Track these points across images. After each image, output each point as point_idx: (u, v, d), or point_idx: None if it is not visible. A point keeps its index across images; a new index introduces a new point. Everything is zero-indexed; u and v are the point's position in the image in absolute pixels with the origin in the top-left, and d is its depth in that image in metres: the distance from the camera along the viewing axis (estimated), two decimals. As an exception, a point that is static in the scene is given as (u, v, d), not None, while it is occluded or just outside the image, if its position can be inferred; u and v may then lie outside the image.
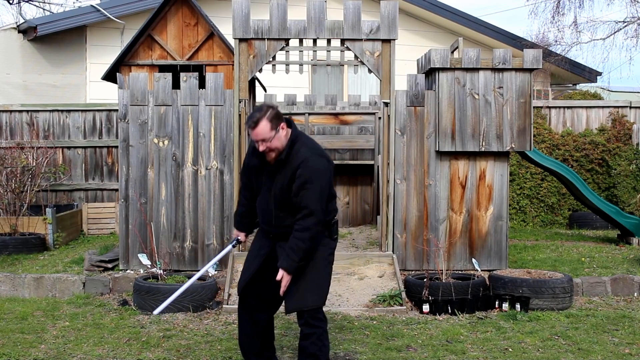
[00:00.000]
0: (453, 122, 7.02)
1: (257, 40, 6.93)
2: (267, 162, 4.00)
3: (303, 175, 3.85)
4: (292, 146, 3.93)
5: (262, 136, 3.84)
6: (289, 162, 3.92)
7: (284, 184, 3.92)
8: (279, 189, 3.94)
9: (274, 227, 4.08)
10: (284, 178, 3.92)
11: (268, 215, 4.07)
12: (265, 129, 3.83)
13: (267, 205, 4.04)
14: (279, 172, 3.94)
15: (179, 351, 4.90)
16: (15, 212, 8.62)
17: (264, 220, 4.13)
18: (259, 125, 3.84)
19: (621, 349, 4.97)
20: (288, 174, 3.90)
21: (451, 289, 6.06)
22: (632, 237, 8.59)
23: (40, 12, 17.24)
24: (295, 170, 3.87)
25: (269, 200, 4.02)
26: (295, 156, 3.91)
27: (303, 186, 3.84)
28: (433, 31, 13.56)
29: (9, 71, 11.92)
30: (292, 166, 3.89)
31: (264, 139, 3.84)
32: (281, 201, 3.96)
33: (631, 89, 17.44)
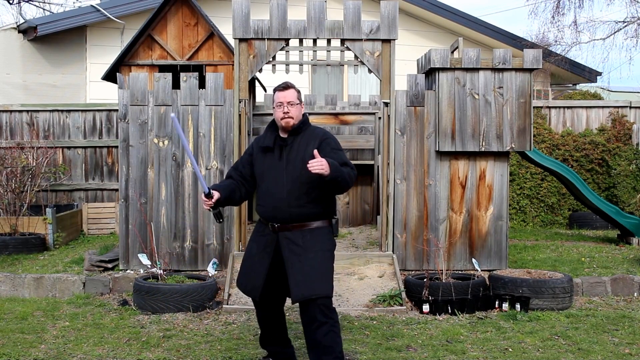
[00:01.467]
0: (453, 122, 7.02)
1: (257, 40, 6.93)
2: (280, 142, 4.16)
3: (331, 143, 4.15)
4: (305, 123, 4.22)
5: (289, 98, 4.13)
6: (307, 137, 4.16)
7: (306, 155, 4.05)
8: (300, 160, 4.07)
9: (284, 212, 4.09)
10: (305, 150, 4.09)
11: (279, 197, 4.10)
12: (293, 94, 4.16)
13: (279, 184, 4.11)
14: (296, 146, 4.14)
15: (179, 351, 4.90)
16: (15, 212, 8.62)
17: (274, 204, 4.13)
18: (288, 90, 4.16)
19: (621, 349, 4.97)
20: (310, 146, 4.08)
21: (451, 289, 6.06)
22: (632, 237, 8.59)
23: (40, 12, 17.24)
24: (321, 141, 4.12)
25: (282, 178, 4.10)
26: (313, 132, 4.20)
27: (334, 151, 4.10)
28: (433, 31, 13.56)
29: (9, 71, 11.92)
30: (313, 139, 4.14)
31: (290, 101, 4.13)
32: (299, 175, 4.06)
33: (631, 89, 17.44)
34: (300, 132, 4.17)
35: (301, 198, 4.08)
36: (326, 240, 4.16)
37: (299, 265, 4.05)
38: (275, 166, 4.16)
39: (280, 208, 4.11)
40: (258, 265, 4.21)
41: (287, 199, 4.09)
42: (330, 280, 4.11)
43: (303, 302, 4.02)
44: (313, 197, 4.10)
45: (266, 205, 4.19)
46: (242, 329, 5.46)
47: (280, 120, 4.14)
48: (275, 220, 4.15)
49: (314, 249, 4.08)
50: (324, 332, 4.00)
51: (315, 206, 4.12)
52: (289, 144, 4.16)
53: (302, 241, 4.09)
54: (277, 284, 4.23)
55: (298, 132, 4.17)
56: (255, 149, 4.30)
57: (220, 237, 7.05)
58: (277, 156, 4.17)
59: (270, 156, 4.19)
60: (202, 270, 6.91)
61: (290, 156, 4.13)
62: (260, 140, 4.29)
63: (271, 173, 4.16)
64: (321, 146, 4.08)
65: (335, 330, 4.05)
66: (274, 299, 4.30)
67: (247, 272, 4.28)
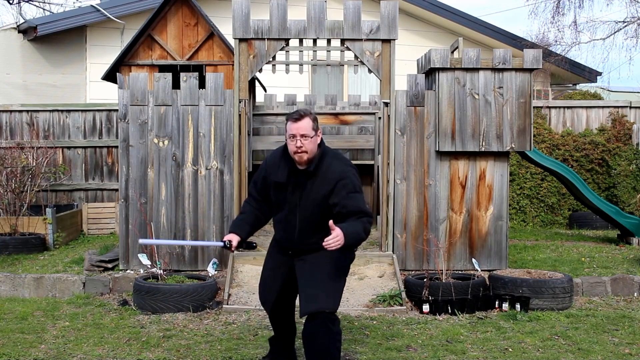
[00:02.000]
0: (453, 122, 7.02)
1: (257, 40, 6.93)
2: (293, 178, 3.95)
3: (348, 185, 3.85)
4: (322, 159, 3.92)
5: (304, 131, 3.83)
6: (322, 174, 3.90)
7: (318, 196, 3.89)
8: (312, 201, 3.91)
9: (297, 243, 4.06)
10: (318, 190, 3.89)
11: (291, 231, 4.03)
12: (308, 125, 3.85)
13: (291, 222, 4.01)
14: (310, 185, 3.91)
15: (179, 351, 4.90)
16: (15, 212, 8.62)
17: (286, 237, 4.10)
18: (303, 119, 3.86)
19: (621, 349, 4.97)
20: (325, 186, 3.87)
21: (451, 289, 6.06)
22: (632, 237, 8.59)
23: (40, 12, 17.23)
24: (337, 181, 3.85)
25: (295, 217, 3.98)
26: (329, 169, 3.90)
27: (349, 196, 3.83)
28: (433, 31, 13.56)
29: (9, 71, 11.92)
30: (329, 179, 3.87)
31: (304, 134, 3.83)
32: (311, 215, 3.93)
33: (631, 89, 17.44)
34: (316, 170, 3.89)
35: (313, 236, 3.96)
36: (342, 256, 4.00)
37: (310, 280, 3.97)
38: (288, 200, 3.99)
39: (292, 241, 4.06)
40: (272, 281, 4.22)
41: (299, 237, 4.02)
42: (338, 296, 4.01)
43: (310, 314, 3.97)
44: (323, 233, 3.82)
45: (280, 234, 4.16)
46: (242, 329, 5.46)
47: (293, 154, 3.89)
48: (288, 248, 4.12)
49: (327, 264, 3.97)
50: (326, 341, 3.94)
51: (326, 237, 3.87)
52: (303, 182, 3.93)
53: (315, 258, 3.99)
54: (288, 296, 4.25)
55: (314, 171, 3.89)
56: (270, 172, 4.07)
57: (220, 237, 7.03)
58: (290, 192, 3.98)
59: (283, 191, 4.00)
60: (202, 270, 6.91)
61: (304, 195, 3.93)
62: (274, 170, 4.04)
63: (284, 206, 4.03)
64: (336, 188, 3.84)
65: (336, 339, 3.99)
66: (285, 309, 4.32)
67: (264, 283, 4.30)
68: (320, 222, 3.91)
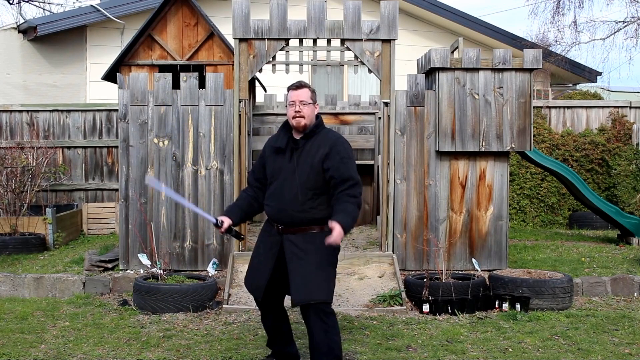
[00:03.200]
0: (453, 122, 7.02)
1: (257, 40, 6.93)
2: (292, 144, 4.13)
3: (341, 151, 4.09)
4: (318, 127, 4.18)
5: (302, 97, 4.11)
6: (319, 141, 4.12)
7: (315, 160, 4.07)
8: (309, 166, 4.08)
9: (291, 210, 4.08)
10: (315, 155, 4.09)
11: (286, 198, 4.10)
12: (307, 94, 4.13)
13: (287, 188, 4.10)
14: (307, 151, 4.11)
15: (179, 351, 4.90)
16: (15, 212, 8.62)
17: (280, 207, 4.13)
18: (301, 89, 4.14)
19: (621, 349, 4.97)
20: (320, 152, 4.08)
21: (451, 289, 6.06)
22: (632, 237, 8.59)
23: (40, 12, 17.25)
24: (331, 147, 4.08)
25: (292, 182, 4.09)
26: (325, 136, 4.15)
27: (342, 160, 4.07)
28: (433, 31, 13.56)
29: (9, 71, 11.92)
30: (324, 144, 4.10)
31: (302, 100, 4.10)
32: (307, 179, 4.08)
33: (631, 89, 17.44)
34: (312, 135, 4.14)
35: (305, 203, 4.08)
36: (329, 250, 4.09)
37: (299, 270, 4.07)
38: (284, 168, 4.14)
39: (285, 211, 4.12)
40: (263, 265, 4.23)
41: (292, 203, 4.09)
42: (329, 286, 4.11)
43: (302, 306, 4.07)
44: (318, 203, 4.10)
45: (272, 207, 4.20)
46: (242, 329, 5.46)
47: (291, 119, 4.13)
48: (280, 222, 4.16)
49: (316, 254, 4.08)
50: (321, 336, 4.04)
51: (319, 212, 4.11)
52: (300, 147, 4.13)
53: (304, 245, 4.09)
54: (279, 283, 4.25)
55: (311, 136, 4.14)
56: (267, 149, 4.29)
57: (220, 237, 7.05)
58: (287, 158, 4.15)
59: (281, 157, 4.17)
60: (202, 270, 6.91)
61: (300, 159, 4.11)
62: (273, 140, 4.29)
63: (280, 175, 4.16)
64: (331, 154, 4.06)
65: (332, 333, 4.07)
66: (275, 297, 4.32)
67: (253, 271, 4.30)
68: (315, 187, 4.08)
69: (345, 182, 4.03)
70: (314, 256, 4.08)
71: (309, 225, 4.11)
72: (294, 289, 4.05)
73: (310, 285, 4.02)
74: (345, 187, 4.03)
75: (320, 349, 4.04)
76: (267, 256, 4.23)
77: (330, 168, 4.04)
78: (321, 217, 4.10)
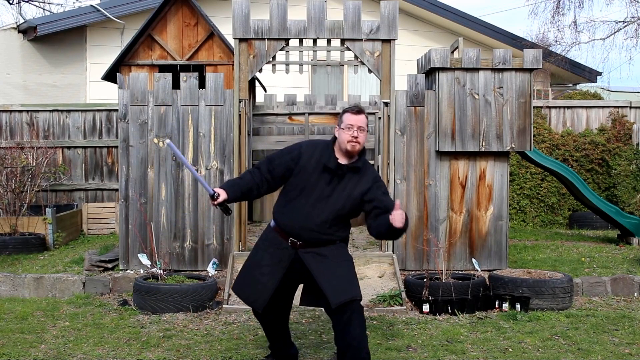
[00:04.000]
0: (453, 122, 7.02)
1: (257, 40, 6.93)
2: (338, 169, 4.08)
3: (382, 186, 4.18)
4: (361, 159, 4.19)
5: (361, 124, 4.10)
6: (362, 173, 4.14)
7: (354, 192, 4.09)
8: (347, 196, 4.08)
9: (314, 232, 4.08)
10: (355, 188, 4.10)
11: (312, 220, 4.07)
12: (364, 120, 4.14)
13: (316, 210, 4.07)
14: (348, 180, 4.10)
15: (179, 351, 4.90)
16: (15, 212, 8.62)
17: (303, 226, 4.08)
18: (362, 114, 4.14)
19: (621, 349, 4.97)
20: (362, 185, 4.11)
21: (451, 289, 6.06)
22: (632, 237, 8.59)
23: (40, 12, 17.24)
24: (373, 183, 4.13)
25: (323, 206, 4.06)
26: (367, 170, 4.18)
27: (384, 194, 4.14)
28: (433, 31, 13.56)
29: (9, 71, 11.92)
30: (367, 179, 4.13)
31: (360, 127, 4.09)
32: (342, 208, 4.09)
33: (631, 89, 17.43)
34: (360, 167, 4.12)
35: (332, 227, 4.11)
36: (347, 252, 4.24)
37: (330, 272, 4.07)
38: (321, 189, 4.08)
39: (311, 231, 4.08)
40: (268, 278, 4.14)
41: (319, 226, 4.08)
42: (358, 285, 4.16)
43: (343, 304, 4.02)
44: (341, 227, 4.17)
45: (294, 221, 4.11)
46: (242, 329, 5.46)
47: (346, 142, 4.06)
48: (299, 238, 4.11)
49: (340, 258, 4.15)
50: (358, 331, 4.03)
51: (341, 232, 4.19)
52: (343, 174, 4.10)
53: (321, 251, 4.12)
54: (283, 296, 4.26)
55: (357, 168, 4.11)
56: (305, 156, 4.14)
57: (220, 237, 7.05)
58: (326, 179, 4.09)
59: (319, 175, 4.09)
60: (202, 270, 6.91)
61: (339, 188, 4.08)
62: (317, 153, 4.14)
63: (314, 193, 4.08)
64: (372, 188, 4.10)
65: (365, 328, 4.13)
66: (277, 309, 4.30)
67: (254, 282, 4.19)
68: (345, 216, 4.15)
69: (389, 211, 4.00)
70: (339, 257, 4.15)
71: (327, 244, 4.15)
72: (333, 290, 4.01)
73: (350, 283, 4.08)
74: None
75: (354, 345, 4.01)
76: (276, 269, 4.15)
77: (374, 200, 4.07)
78: (342, 237, 4.22)
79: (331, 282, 4.04)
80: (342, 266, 4.12)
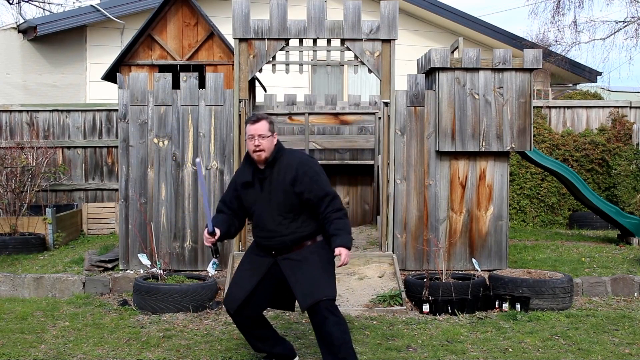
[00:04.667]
0: (453, 122, 7.02)
1: (257, 40, 6.93)
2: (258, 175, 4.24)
3: (308, 172, 4.21)
4: (279, 152, 4.27)
5: (260, 131, 4.19)
6: (284, 165, 4.23)
7: (286, 185, 4.19)
8: (282, 192, 4.20)
9: (278, 236, 4.23)
10: (284, 180, 4.20)
11: (269, 226, 4.24)
12: (264, 127, 4.21)
13: (266, 215, 4.24)
14: (275, 179, 4.22)
15: (179, 351, 4.90)
16: (15, 212, 8.62)
17: (266, 235, 4.28)
18: (260, 122, 4.22)
19: (621, 349, 4.97)
20: (288, 176, 4.20)
21: (451, 289, 6.06)
22: (632, 237, 8.59)
23: (40, 12, 17.24)
24: (296, 170, 4.20)
25: (269, 208, 4.23)
26: (288, 160, 4.25)
27: (312, 180, 4.19)
28: (433, 31, 13.57)
29: (9, 71, 11.92)
30: (290, 168, 4.22)
31: (261, 134, 4.18)
32: (284, 201, 4.20)
33: (631, 89, 17.44)
34: (275, 162, 4.23)
35: (290, 226, 4.22)
36: (323, 253, 4.26)
37: (303, 275, 4.17)
38: (259, 198, 4.26)
39: (274, 238, 4.25)
40: (246, 281, 4.32)
41: (278, 230, 4.22)
42: (332, 284, 4.23)
43: (311, 307, 4.10)
44: (301, 221, 4.24)
45: (260, 236, 4.32)
46: (242, 329, 5.45)
47: (252, 153, 4.22)
48: (272, 249, 4.28)
49: (313, 257, 4.22)
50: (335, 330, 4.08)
51: (305, 228, 4.25)
52: (267, 176, 4.24)
53: (299, 255, 4.23)
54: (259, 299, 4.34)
55: (274, 163, 4.23)
56: (237, 182, 4.37)
57: (220, 237, 7.03)
58: (258, 189, 4.27)
59: (252, 190, 4.28)
60: (202, 270, 6.91)
61: (272, 187, 4.22)
62: (241, 174, 4.37)
63: (257, 206, 4.27)
64: (298, 177, 4.17)
65: (344, 326, 4.15)
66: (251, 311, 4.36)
67: (233, 284, 4.38)
68: (293, 209, 4.21)
69: (323, 200, 4.18)
70: (313, 259, 4.21)
71: (300, 243, 4.24)
72: (302, 294, 4.14)
73: (317, 285, 4.14)
74: (326, 205, 4.17)
75: (334, 343, 4.08)
76: (252, 273, 4.32)
77: (303, 191, 4.16)
78: (309, 232, 4.26)
79: (302, 287, 4.15)
80: (313, 268, 4.18)
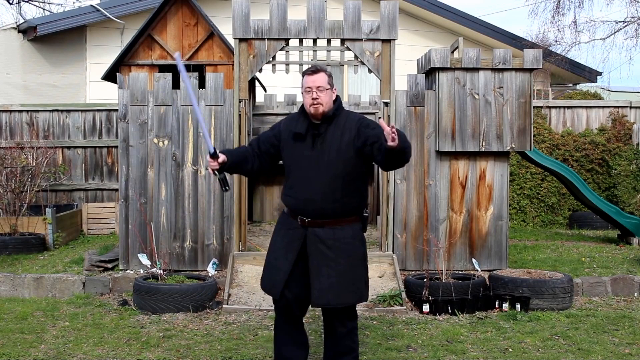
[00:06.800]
0: (453, 122, 7.02)
1: (257, 40, 6.93)
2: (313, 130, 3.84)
3: (370, 124, 3.83)
4: (338, 109, 3.89)
5: (319, 83, 3.80)
6: (342, 123, 3.84)
7: (342, 145, 3.79)
8: (335, 152, 3.79)
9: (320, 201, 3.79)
10: (341, 140, 3.81)
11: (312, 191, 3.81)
12: (323, 79, 3.83)
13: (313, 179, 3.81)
14: (330, 138, 3.82)
15: (179, 351, 4.89)
16: (15, 212, 8.62)
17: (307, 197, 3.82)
18: (318, 73, 3.83)
19: (621, 349, 4.97)
20: (347, 135, 3.80)
21: (451, 289, 6.06)
22: (632, 237, 8.59)
23: (40, 12, 17.25)
24: (358, 127, 3.81)
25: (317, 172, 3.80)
26: (348, 118, 3.87)
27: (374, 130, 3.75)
28: (433, 31, 13.56)
29: (9, 71, 11.92)
30: (350, 126, 3.82)
31: (319, 86, 3.80)
32: (336, 167, 3.79)
33: (631, 89, 17.44)
34: (334, 119, 3.83)
35: (336, 192, 3.79)
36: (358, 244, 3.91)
37: (325, 272, 3.79)
38: (307, 156, 3.83)
39: (313, 202, 3.80)
40: (282, 261, 3.87)
41: (321, 193, 3.79)
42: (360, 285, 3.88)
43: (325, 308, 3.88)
44: (348, 191, 3.83)
45: (296, 198, 3.87)
46: (242, 329, 5.46)
47: (309, 107, 3.82)
48: (306, 214, 3.84)
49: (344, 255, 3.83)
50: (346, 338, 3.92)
51: (349, 201, 3.84)
52: (322, 133, 3.82)
53: (333, 242, 3.82)
54: (301, 283, 3.87)
55: (332, 120, 3.83)
56: (284, 131, 3.94)
57: (220, 237, 7.05)
58: (309, 145, 3.83)
59: (302, 144, 3.85)
60: (202, 270, 6.91)
61: (325, 146, 3.80)
62: (292, 124, 3.92)
63: (303, 163, 3.84)
64: (360, 130, 3.78)
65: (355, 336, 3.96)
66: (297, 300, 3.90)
67: (268, 267, 3.96)
68: (345, 174, 3.81)
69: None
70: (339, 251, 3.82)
71: (338, 217, 3.83)
72: (319, 289, 3.76)
73: (339, 288, 3.78)
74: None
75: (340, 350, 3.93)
76: (287, 250, 3.87)
77: (368, 137, 3.72)
78: (352, 207, 3.86)
79: (322, 283, 3.78)
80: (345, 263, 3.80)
